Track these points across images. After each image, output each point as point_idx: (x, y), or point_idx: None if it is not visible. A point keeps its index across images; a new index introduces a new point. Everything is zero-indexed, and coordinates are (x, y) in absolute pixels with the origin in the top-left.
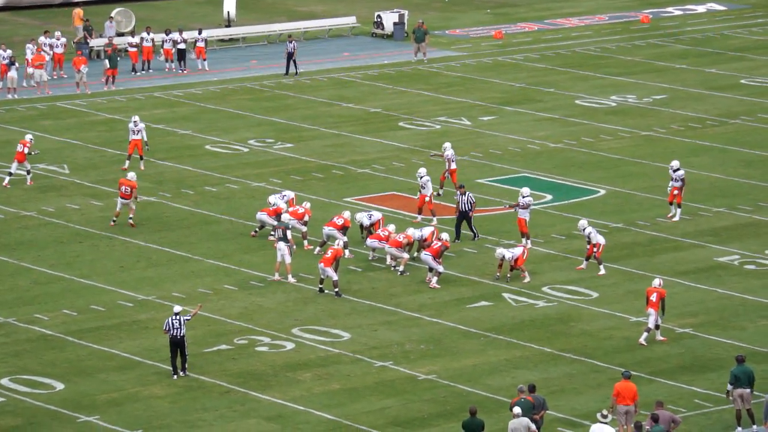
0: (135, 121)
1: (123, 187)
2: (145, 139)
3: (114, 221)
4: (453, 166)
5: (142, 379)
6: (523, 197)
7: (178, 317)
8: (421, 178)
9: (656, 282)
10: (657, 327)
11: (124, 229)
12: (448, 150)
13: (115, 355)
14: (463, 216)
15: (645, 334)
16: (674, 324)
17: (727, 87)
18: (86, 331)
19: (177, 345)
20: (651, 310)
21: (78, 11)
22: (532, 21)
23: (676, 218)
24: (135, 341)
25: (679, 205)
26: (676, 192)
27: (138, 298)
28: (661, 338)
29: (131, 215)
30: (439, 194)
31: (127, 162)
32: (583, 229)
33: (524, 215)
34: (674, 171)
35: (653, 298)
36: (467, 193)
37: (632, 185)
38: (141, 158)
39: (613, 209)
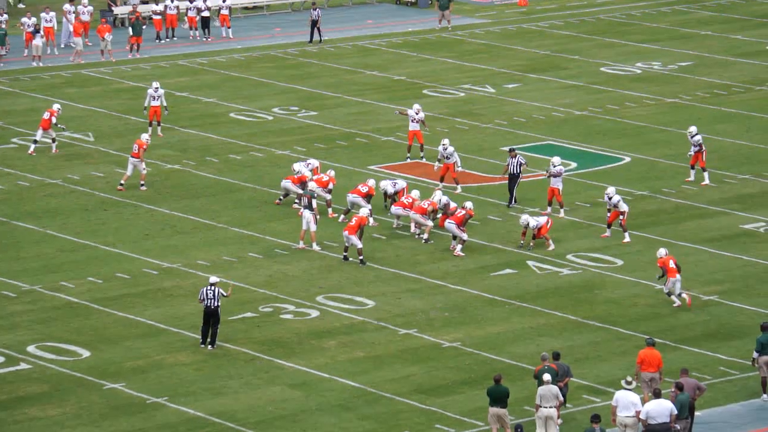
0: (156, 87)
1: (134, 146)
2: (164, 104)
3: (122, 185)
4: (416, 127)
5: (167, 347)
6: (554, 166)
7: (213, 288)
8: (446, 149)
9: (662, 252)
10: (669, 294)
11: (148, 196)
12: (421, 113)
13: (140, 322)
14: (514, 178)
15: (683, 295)
16: (699, 291)
17: (753, 53)
18: (111, 298)
19: (210, 315)
20: (671, 278)
21: None
22: None
23: (706, 182)
24: (160, 309)
25: (703, 169)
26: (691, 155)
27: (163, 266)
28: (678, 303)
29: (142, 181)
30: (421, 157)
31: (150, 129)
32: (610, 198)
33: (556, 184)
34: (692, 137)
35: (671, 265)
36: (518, 155)
37: (657, 153)
38: (158, 124)
39: (638, 177)
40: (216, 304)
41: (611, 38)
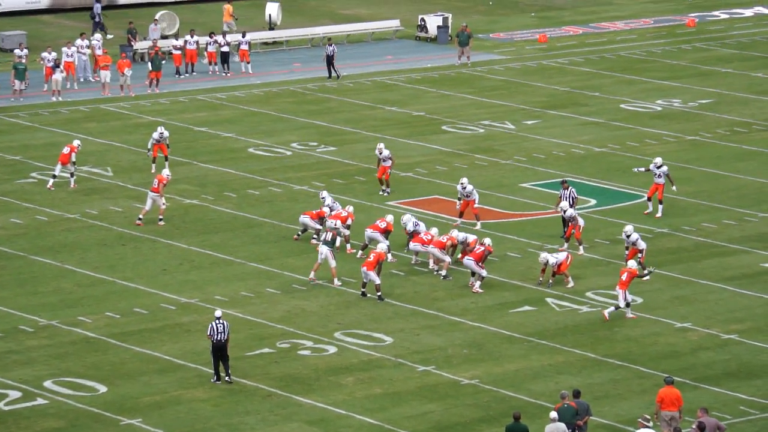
0: (161, 132)
1: (155, 180)
2: (167, 143)
3: (140, 219)
4: (386, 163)
5: (185, 382)
6: (564, 211)
7: (221, 321)
8: (465, 188)
9: (630, 263)
10: (628, 304)
11: (167, 231)
12: (385, 151)
13: (157, 357)
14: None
15: (612, 309)
16: (719, 330)
17: None
18: (129, 333)
19: (220, 350)
20: (619, 290)
21: (228, 7)
22: (577, 25)
23: (659, 215)
24: (177, 344)
25: (660, 202)
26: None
27: (180, 301)
28: (632, 315)
29: (161, 215)
30: (386, 192)
31: (153, 166)
32: (628, 236)
33: (574, 221)
34: (657, 167)
35: (624, 277)
36: (570, 188)
37: (677, 190)
38: (166, 159)
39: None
40: (225, 338)
41: (631, 75)
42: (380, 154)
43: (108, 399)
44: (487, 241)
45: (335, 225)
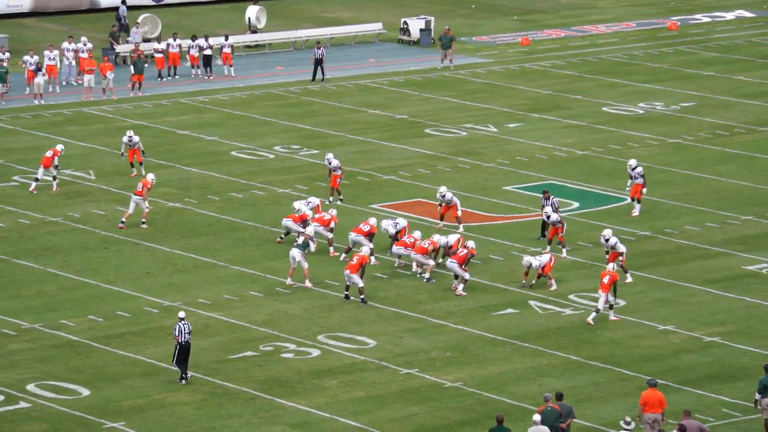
0: (130, 137)
1: (139, 184)
2: (142, 148)
3: (123, 223)
4: (336, 172)
5: (168, 386)
6: (547, 217)
7: (186, 323)
8: (444, 197)
9: (610, 266)
10: (611, 307)
11: (149, 234)
12: (334, 162)
13: (140, 361)
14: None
15: (594, 314)
16: (702, 333)
17: (755, 94)
18: (112, 337)
19: (186, 351)
20: (601, 293)
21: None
22: (559, 28)
23: (636, 213)
24: (160, 347)
25: (638, 201)
26: (628, 187)
27: (163, 305)
28: (615, 318)
29: (144, 219)
30: (339, 201)
31: (134, 170)
32: (606, 240)
33: (557, 224)
34: (633, 169)
35: (605, 280)
36: (551, 197)
37: (660, 193)
38: (141, 164)
39: (641, 217)
40: (188, 339)
41: (613, 78)
42: (330, 164)
43: (91, 402)
44: (471, 243)
45: (306, 230)
